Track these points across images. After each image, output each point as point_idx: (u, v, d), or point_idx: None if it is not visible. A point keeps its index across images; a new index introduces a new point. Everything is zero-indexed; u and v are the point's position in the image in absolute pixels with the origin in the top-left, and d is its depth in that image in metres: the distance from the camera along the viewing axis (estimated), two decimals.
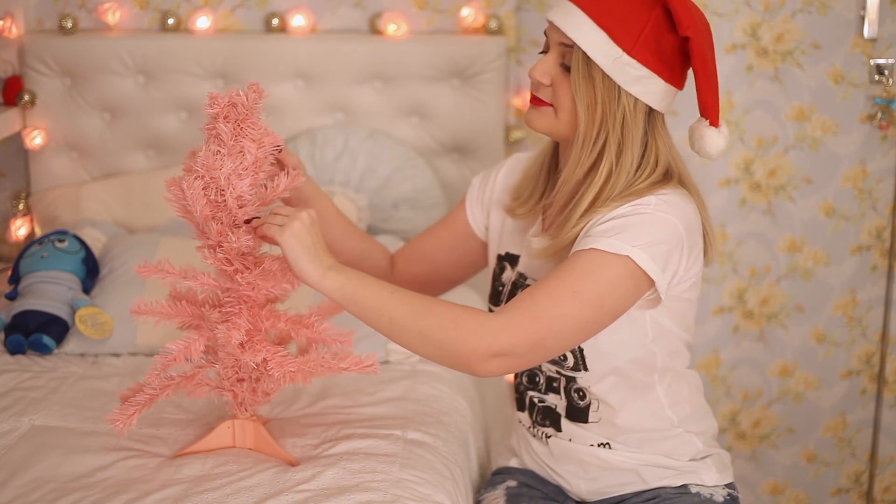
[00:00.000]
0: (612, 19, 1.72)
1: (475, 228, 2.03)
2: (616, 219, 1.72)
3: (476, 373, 1.70)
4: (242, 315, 1.78)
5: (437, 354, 1.70)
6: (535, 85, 1.81)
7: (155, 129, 2.92)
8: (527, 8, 2.90)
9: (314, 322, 1.86)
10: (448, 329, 1.68)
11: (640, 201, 1.74)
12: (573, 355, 1.83)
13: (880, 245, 2.92)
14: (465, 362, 1.69)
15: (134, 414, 1.81)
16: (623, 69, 1.73)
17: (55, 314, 2.38)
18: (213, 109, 1.71)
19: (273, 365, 1.79)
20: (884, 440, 3.02)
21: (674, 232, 1.73)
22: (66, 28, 2.90)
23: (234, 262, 1.76)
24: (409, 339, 1.70)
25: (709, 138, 1.81)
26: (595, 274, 1.69)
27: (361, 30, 2.95)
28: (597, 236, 1.71)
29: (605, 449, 1.91)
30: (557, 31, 1.77)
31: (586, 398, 1.88)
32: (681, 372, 1.91)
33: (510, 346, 1.67)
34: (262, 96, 1.74)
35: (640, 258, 1.69)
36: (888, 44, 2.78)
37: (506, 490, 2.01)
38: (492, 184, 2.01)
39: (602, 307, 1.70)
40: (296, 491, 1.78)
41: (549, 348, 1.71)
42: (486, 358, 1.67)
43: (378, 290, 1.70)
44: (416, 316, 1.69)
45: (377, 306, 1.69)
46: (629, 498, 1.94)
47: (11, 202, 3.01)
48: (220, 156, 1.71)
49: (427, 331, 1.68)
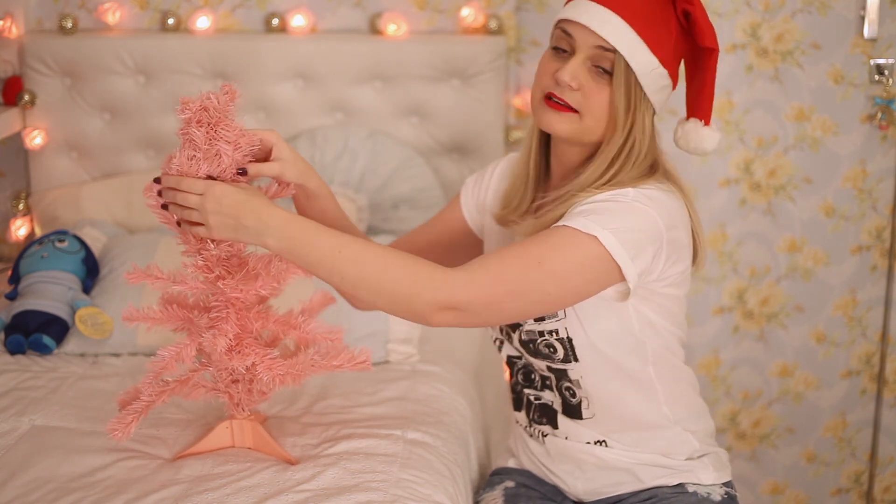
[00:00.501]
0: (651, 30, 1.72)
1: (471, 224, 2.02)
2: (593, 203, 1.73)
3: (428, 323, 1.70)
4: (230, 320, 1.77)
5: (391, 306, 1.70)
6: (560, 88, 1.76)
7: (155, 129, 2.92)
8: (527, 8, 2.90)
9: (302, 323, 1.86)
10: (404, 282, 1.67)
11: (620, 191, 1.74)
12: (562, 346, 1.83)
13: (880, 245, 2.92)
14: (418, 313, 1.69)
15: (132, 422, 1.81)
16: (656, 79, 1.75)
17: (55, 314, 2.38)
18: (185, 115, 1.71)
19: (261, 369, 1.79)
20: (884, 440, 3.02)
21: (651, 225, 1.73)
22: (66, 28, 2.90)
23: (214, 268, 1.76)
24: (362, 294, 1.69)
25: (708, 136, 1.82)
26: (564, 249, 1.69)
27: (361, 30, 2.95)
28: (572, 216, 1.72)
29: (601, 447, 1.91)
30: (592, 34, 1.73)
31: (576, 396, 1.88)
32: (677, 369, 1.91)
33: (465, 302, 1.67)
34: (234, 98, 1.73)
35: (607, 241, 1.68)
36: (888, 44, 2.78)
37: (504, 490, 2.01)
38: (486, 184, 2.00)
39: (566, 284, 1.70)
40: (296, 491, 1.78)
41: (504, 311, 1.71)
42: (440, 310, 1.67)
43: (326, 250, 1.67)
44: (368, 273, 1.67)
45: (327, 267, 1.68)
46: (626, 498, 1.93)
47: (11, 202, 3.01)
48: (196, 160, 1.71)
49: (380, 286, 1.68)
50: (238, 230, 1.68)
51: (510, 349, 1.94)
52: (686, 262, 1.81)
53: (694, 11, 1.74)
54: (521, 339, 1.87)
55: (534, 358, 1.88)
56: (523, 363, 1.94)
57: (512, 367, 1.97)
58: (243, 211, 1.68)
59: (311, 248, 1.68)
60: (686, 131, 1.83)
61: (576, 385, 1.87)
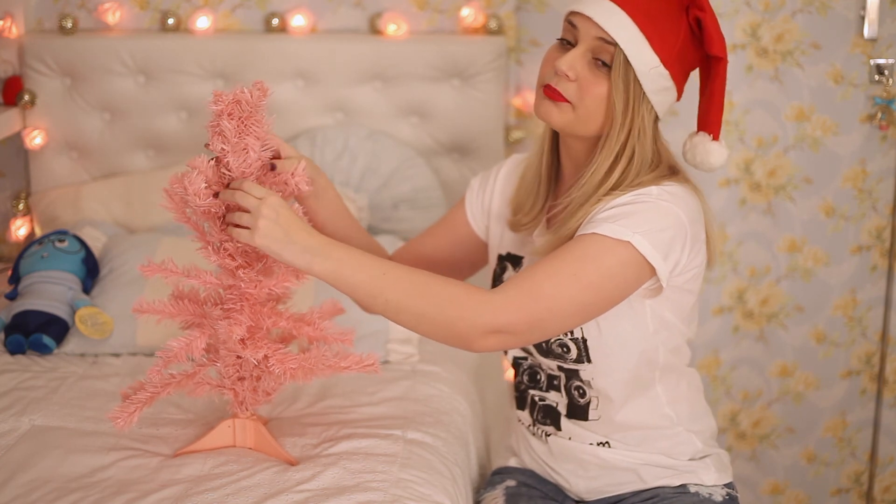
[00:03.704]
0: (654, 28, 1.73)
1: (476, 229, 2.02)
2: (618, 206, 1.73)
3: (473, 349, 1.70)
4: (244, 311, 1.79)
5: (435, 332, 1.71)
6: (558, 78, 1.76)
7: (155, 129, 2.92)
8: (527, 8, 2.90)
9: (316, 320, 1.87)
10: (446, 308, 1.68)
11: (643, 191, 1.75)
12: (576, 346, 1.83)
13: (880, 245, 2.92)
14: (463, 339, 1.69)
15: (135, 411, 1.81)
16: (656, 79, 1.75)
17: (55, 314, 2.38)
18: (217, 106, 1.72)
19: (274, 361, 1.79)
20: (884, 440, 3.02)
21: (676, 221, 1.74)
22: (66, 28, 2.90)
23: (236, 258, 1.77)
24: (405, 318, 1.70)
25: (715, 151, 1.82)
26: (597, 258, 1.70)
27: (361, 30, 2.95)
28: (599, 222, 1.72)
29: (604, 448, 1.91)
30: (595, 26, 1.74)
31: (586, 395, 1.88)
32: (681, 370, 1.92)
33: (508, 325, 1.68)
34: (266, 95, 1.74)
35: (640, 244, 1.70)
36: (888, 44, 2.78)
37: (505, 490, 2.01)
38: (491, 187, 2.00)
39: (602, 291, 1.71)
40: (296, 491, 1.78)
41: (546, 329, 1.72)
42: (484, 335, 1.68)
43: (371, 272, 1.69)
44: (412, 297, 1.68)
45: (371, 289, 1.69)
46: (628, 497, 1.94)
47: (11, 202, 3.01)
48: (224, 153, 1.72)
49: (424, 311, 1.68)
50: (286, 244, 1.67)
51: (517, 350, 1.94)
52: (703, 257, 1.82)
53: (705, 19, 1.74)
54: None
55: (545, 357, 1.88)
56: (529, 363, 1.94)
57: (517, 368, 1.97)
58: (296, 228, 1.68)
59: (356, 270, 1.68)
60: (693, 144, 1.83)
61: (587, 385, 1.87)
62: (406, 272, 1.70)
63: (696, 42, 1.77)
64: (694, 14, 1.75)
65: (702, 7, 1.74)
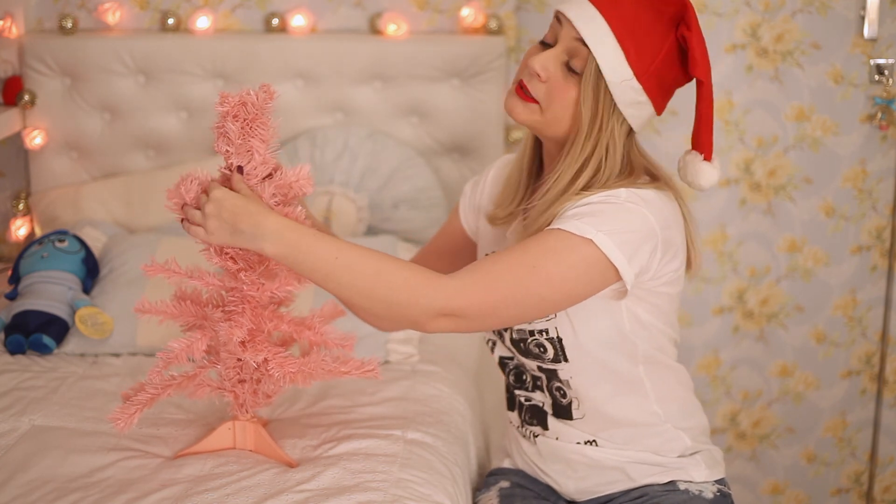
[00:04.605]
0: (632, 41, 1.71)
1: (468, 231, 2.03)
2: (587, 205, 1.72)
3: (423, 330, 1.71)
4: (245, 314, 1.78)
5: (386, 313, 1.70)
6: (530, 76, 1.77)
7: (155, 129, 2.92)
8: (527, 8, 2.90)
9: (316, 324, 1.87)
10: (399, 290, 1.67)
11: (612, 192, 1.74)
12: (552, 346, 1.83)
13: (880, 245, 2.92)
14: (413, 321, 1.69)
15: (135, 413, 1.81)
16: (627, 92, 1.73)
17: (55, 314, 2.38)
18: (223, 107, 1.72)
19: (274, 365, 1.79)
20: (884, 440, 3.02)
21: (644, 224, 1.72)
22: (66, 28, 2.90)
23: (238, 261, 1.77)
24: (357, 301, 1.69)
25: (704, 172, 1.80)
26: (558, 253, 1.69)
27: (361, 30, 2.95)
28: (566, 219, 1.72)
29: (591, 447, 1.91)
30: (575, 30, 1.74)
31: (567, 396, 1.88)
32: (667, 366, 1.91)
33: (461, 309, 1.68)
34: (272, 97, 1.74)
35: (603, 243, 1.69)
36: (888, 44, 2.78)
37: (499, 491, 2.01)
38: (481, 188, 2.01)
39: (561, 286, 1.70)
40: (296, 491, 1.78)
41: (501, 317, 1.71)
42: (435, 317, 1.68)
43: (323, 255, 1.67)
44: (363, 280, 1.67)
45: (323, 273, 1.67)
46: (617, 496, 1.93)
47: (11, 202, 3.01)
48: (228, 154, 1.72)
49: (375, 293, 1.68)
50: (234, 235, 1.68)
51: (502, 349, 1.94)
52: (679, 261, 1.81)
53: (690, 38, 1.72)
54: (513, 339, 1.88)
55: (525, 358, 1.88)
56: (515, 364, 1.94)
57: (504, 368, 1.98)
58: (240, 215, 1.67)
59: (307, 254, 1.67)
60: (686, 163, 1.82)
61: (566, 385, 1.87)
62: (359, 255, 1.68)
63: (683, 60, 1.75)
64: (681, 31, 1.73)
65: (689, 26, 1.72)
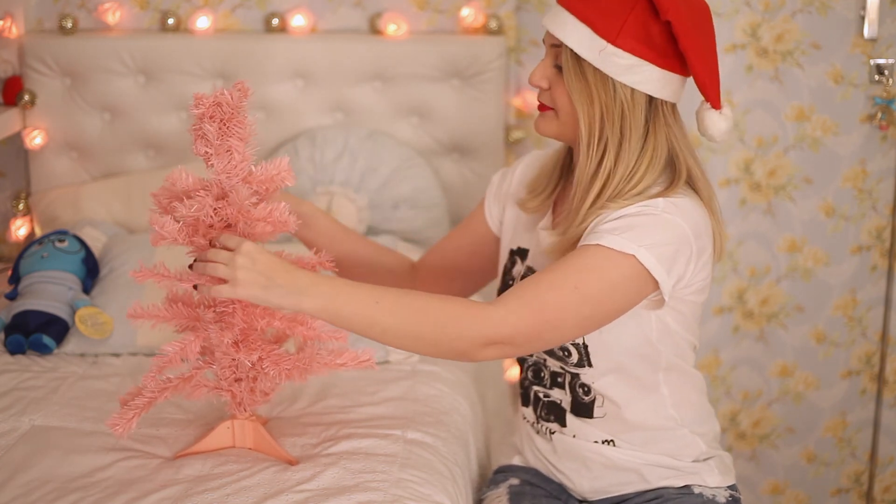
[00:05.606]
0: (594, 12, 1.73)
1: (493, 227, 2.03)
2: (623, 217, 1.73)
3: (473, 360, 1.71)
4: (236, 314, 1.78)
5: (435, 351, 1.70)
6: (537, 92, 1.84)
7: (155, 129, 2.92)
8: (527, 8, 2.90)
9: (308, 319, 1.86)
10: (445, 327, 1.67)
11: (650, 203, 1.74)
12: (577, 351, 1.83)
13: (880, 245, 2.92)
14: (461, 352, 1.70)
15: (133, 418, 1.81)
16: (610, 60, 1.73)
17: (55, 314, 2.38)
18: (198, 110, 1.71)
19: (268, 363, 1.79)
20: (884, 440, 3.02)
21: (681, 235, 1.73)
22: (66, 28, 2.90)
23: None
24: (403, 342, 1.70)
25: (710, 120, 1.80)
26: (600, 271, 1.69)
27: (361, 30, 2.95)
28: (603, 233, 1.71)
29: (609, 446, 1.91)
30: (549, 34, 1.80)
31: (591, 393, 1.88)
32: (686, 372, 1.91)
33: (508, 337, 1.68)
34: (247, 95, 1.73)
35: (645, 258, 1.69)
36: (888, 44, 2.78)
37: (509, 488, 2.00)
38: (510, 179, 2.02)
39: (604, 304, 1.70)
40: (296, 491, 1.78)
41: (546, 340, 1.72)
42: (483, 346, 1.68)
43: (363, 302, 1.66)
44: (408, 321, 1.67)
45: (366, 320, 1.67)
46: (631, 497, 1.94)
47: (11, 202, 3.01)
48: (208, 156, 1.72)
49: (422, 332, 1.68)
50: (269, 289, 1.65)
51: None
52: (709, 269, 1.82)
53: None
54: None
55: (548, 356, 1.89)
56: (533, 360, 1.94)
57: (522, 364, 1.98)
58: (277, 270, 1.66)
59: (346, 303, 1.66)
60: (698, 117, 1.83)
61: (590, 385, 1.87)
62: (400, 297, 1.68)
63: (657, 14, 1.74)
64: None
65: None
